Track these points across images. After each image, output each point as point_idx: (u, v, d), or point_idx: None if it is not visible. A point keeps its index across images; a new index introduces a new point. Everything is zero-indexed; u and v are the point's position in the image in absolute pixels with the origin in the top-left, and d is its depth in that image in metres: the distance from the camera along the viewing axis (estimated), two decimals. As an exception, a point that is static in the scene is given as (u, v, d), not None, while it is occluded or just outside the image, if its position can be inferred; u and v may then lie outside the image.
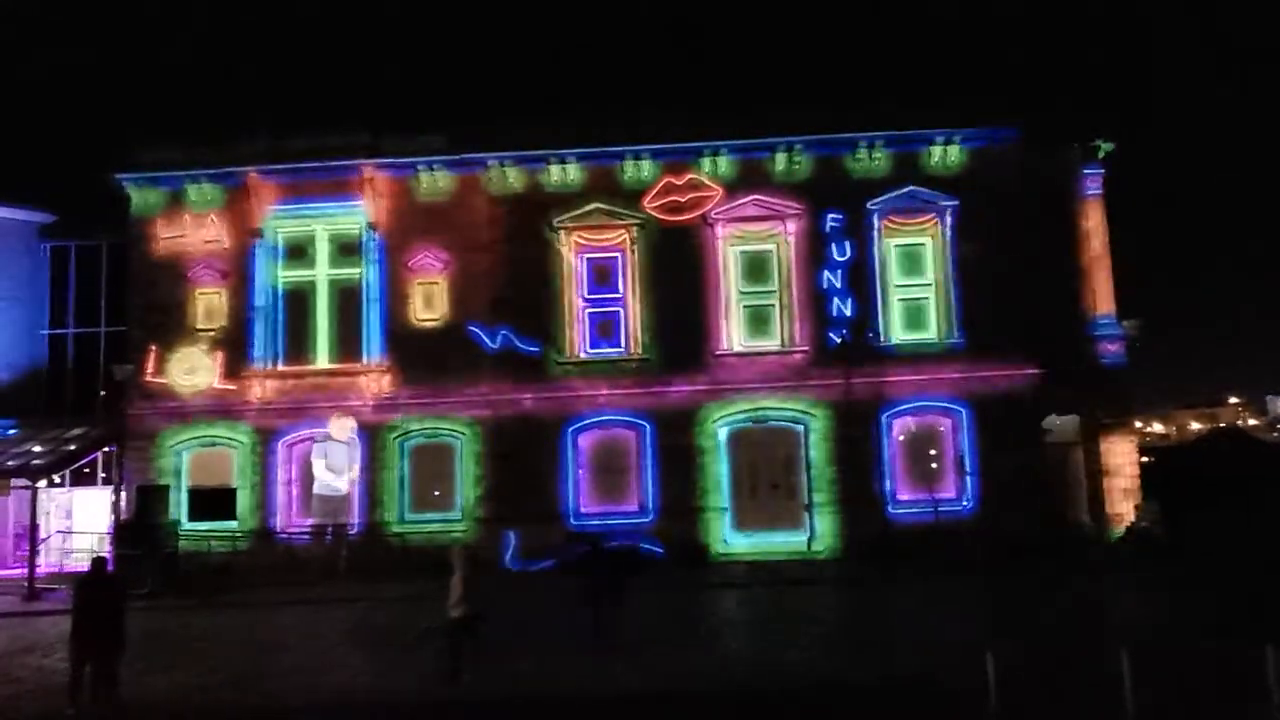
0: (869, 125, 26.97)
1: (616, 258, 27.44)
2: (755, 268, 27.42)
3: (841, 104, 27.56)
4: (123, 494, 26.87)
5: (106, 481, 28.28)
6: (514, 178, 27.60)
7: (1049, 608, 18.49)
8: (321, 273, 27.83)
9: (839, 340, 26.01)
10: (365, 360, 27.25)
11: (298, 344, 27.57)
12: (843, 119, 27.03)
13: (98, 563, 13.00)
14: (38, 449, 26.42)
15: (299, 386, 27.23)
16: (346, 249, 27.81)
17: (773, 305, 27.30)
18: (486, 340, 27.03)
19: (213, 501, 26.70)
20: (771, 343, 27.14)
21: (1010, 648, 11.47)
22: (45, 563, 26.44)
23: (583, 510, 26.65)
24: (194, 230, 27.80)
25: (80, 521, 28.92)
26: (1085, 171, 27.58)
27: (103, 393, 28.93)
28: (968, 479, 26.20)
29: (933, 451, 26.67)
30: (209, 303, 27.68)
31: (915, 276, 27.28)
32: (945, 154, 27.06)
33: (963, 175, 27.07)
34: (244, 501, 26.89)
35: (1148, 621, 17.00)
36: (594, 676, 13.44)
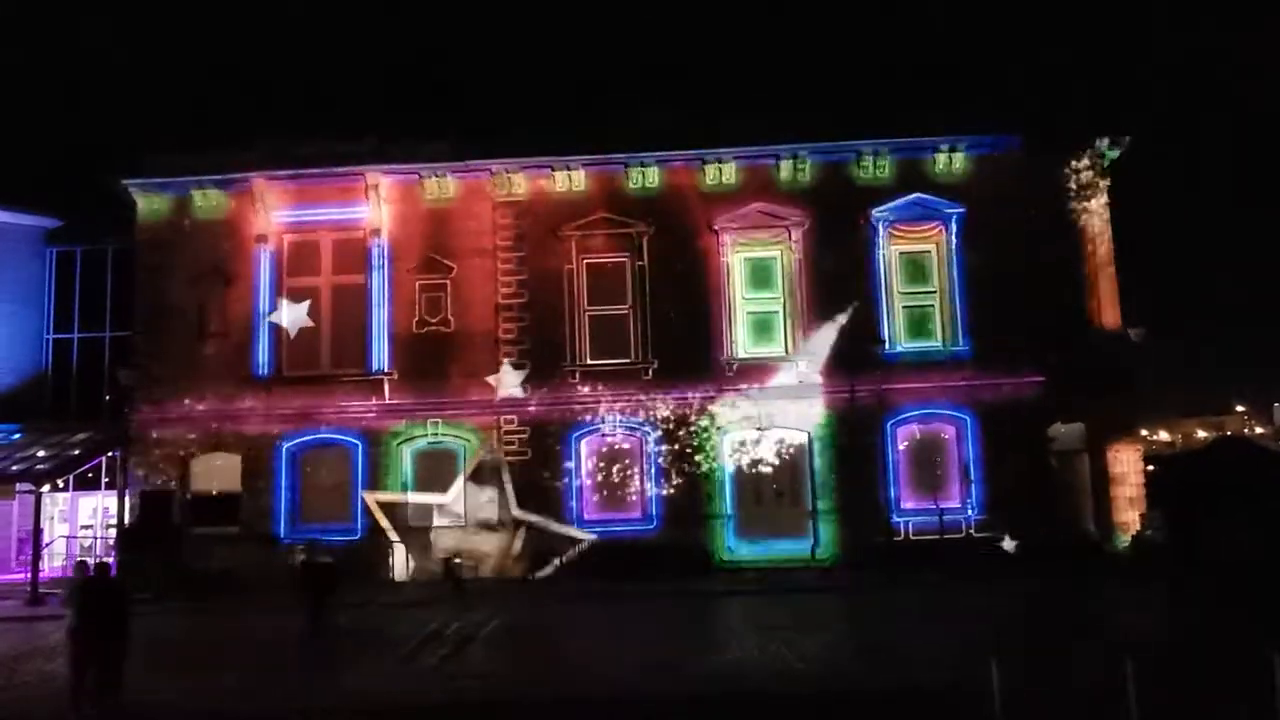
0: (873, 133, 26.97)
1: (622, 264, 27.44)
2: (760, 275, 27.41)
3: (845, 111, 27.54)
4: (127, 499, 26.90)
5: (110, 486, 28.31)
6: (519, 184, 27.63)
7: (1053, 616, 18.42)
8: (327, 278, 27.86)
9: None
10: (370, 366, 27.25)
11: (303, 349, 27.58)
12: (847, 126, 27.03)
13: (101, 568, 13.01)
14: (42, 453, 26.46)
15: (303, 392, 27.23)
16: (352, 254, 27.83)
17: (778, 312, 27.29)
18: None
19: (217, 507, 26.74)
20: (776, 349, 27.11)
21: (1014, 656, 11.42)
22: (48, 567, 26.47)
23: (586, 517, 26.62)
24: (200, 235, 27.87)
25: (83, 527, 28.95)
26: (1090, 178, 27.52)
27: (107, 397, 28.96)
28: (972, 487, 26.13)
29: (937, 459, 26.63)
30: (214, 307, 27.67)
31: (920, 284, 27.25)
32: (950, 161, 27.05)
33: (967, 183, 27.06)
34: (248, 507, 26.88)
35: (1152, 630, 16.92)
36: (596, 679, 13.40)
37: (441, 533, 26.48)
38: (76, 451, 27.02)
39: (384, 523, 26.59)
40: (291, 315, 27.31)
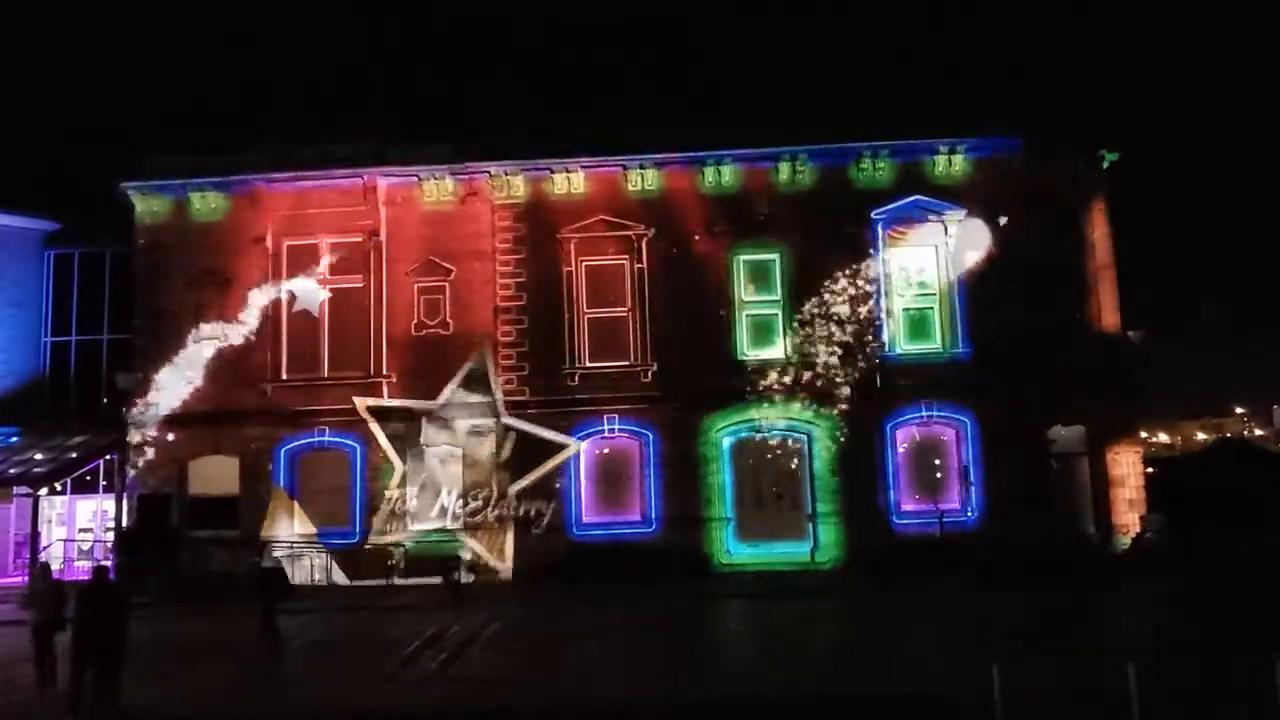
0: (872, 135, 26.92)
1: (622, 267, 27.40)
2: (759, 277, 27.37)
3: (845, 114, 27.53)
4: (125, 502, 26.84)
5: (108, 489, 28.24)
6: (518, 187, 27.60)
7: (1054, 620, 18.39)
8: (325, 281, 27.78)
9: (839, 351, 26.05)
10: (369, 368, 27.21)
11: (301, 352, 27.53)
12: (846, 129, 27.00)
13: (100, 571, 12.99)
14: (39, 456, 26.41)
15: (302, 395, 27.18)
16: (350, 257, 27.77)
17: (776, 315, 27.25)
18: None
19: (215, 510, 26.67)
20: (775, 352, 27.07)
21: (1015, 660, 11.39)
22: (47, 571, 26.37)
23: (586, 520, 26.58)
24: (198, 238, 27.83)
25: (81, 530, 28.91)
26: (1090, 181, 27.50)
27: (105, 400, 28.90)
28: (972, 490, 26.09)
29: (937, 462, 26.58)
30: (213, 311, 27.60)
31: (919, 286, 27.22)
32: (949, 163, 27.02)
33: (966, 185, 27.03)
34: (246, 510, 26.81)
35: (1153, 633, 16.89)
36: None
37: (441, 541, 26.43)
38: (74, 454, 26.97)
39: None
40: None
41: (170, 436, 27.10)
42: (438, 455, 26.83)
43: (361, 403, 26.93)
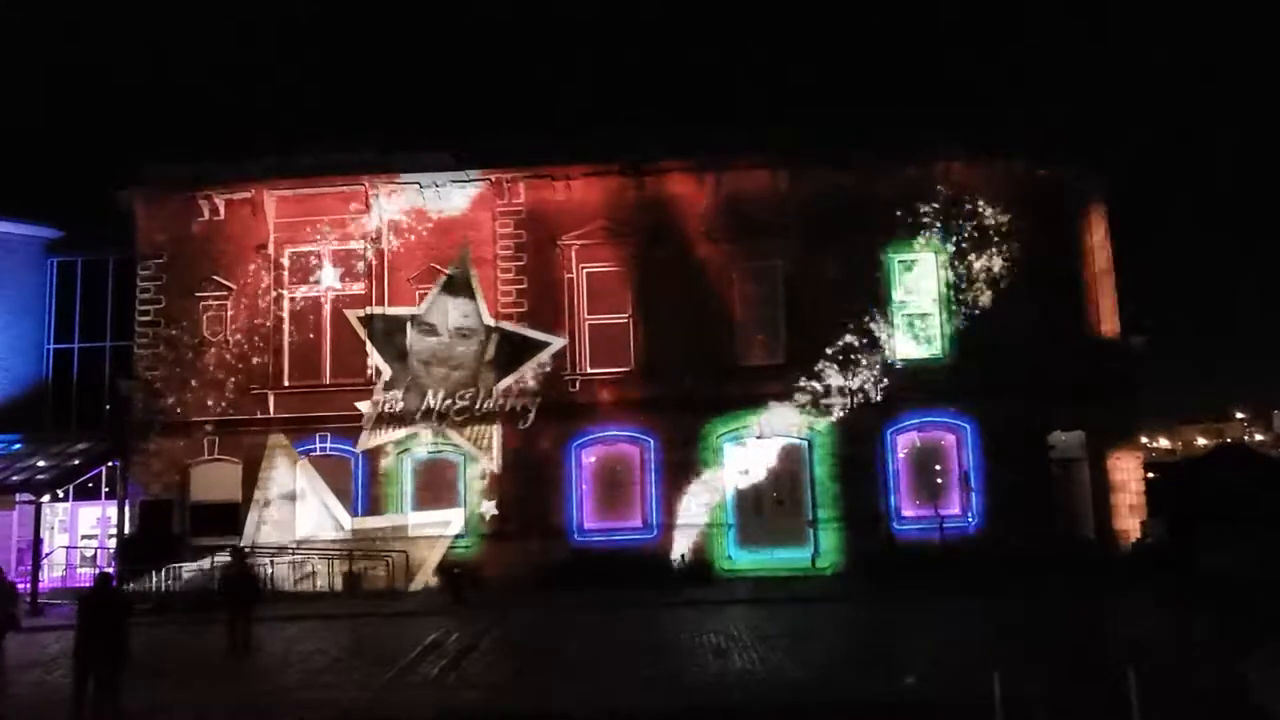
0: (873, 140, 26.97)
1: (622, 273, 27.44)
2: (760, 283, 27.39)
3: (845, 119, 27.59)
4: (127, 509, 26.88)
5: (110, 496, 28.27)
6: (519, 194, 27.67)
7: (1055, 625, 18.40)
8: (328, 288, 27.86)
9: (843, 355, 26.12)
10: (370, 375, 27.26)
11: (303, 359, 27.60)
12: (846, 134, 27.06)
13: (102, 578, 13.02)
14: (42, 463, 26.43)
15: (305, 402, 27.23)
16: (353, 264, 27.86)
17: (778, 320, 27.26)
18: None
19: (217, 516, 26.69)
20: (776, 358, 27.10)
21: (1016, 666, 11.42)
22: (48, 578, 26.47)
23: (586, 526, 26.61)
24: (200, 245, 27.91)
25: (84, 537, 28.94)
26: (1090, 186, 27.55)
27: (108, 407, 28.96)
28: (973, 495, 26.12)
29: (937, 468, 26.61)
30: (215, 318, 27.71)
31: (920, 292, 27.25)
32: (949, 171, 27.07)
33: (967, 190, 27.07)
34: (248, 517, 26.83)
35: (1154, 640, 16.90)
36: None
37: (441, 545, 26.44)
38: (76, 461, 26.99)
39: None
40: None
41: (172, 443, 27.15)
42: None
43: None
